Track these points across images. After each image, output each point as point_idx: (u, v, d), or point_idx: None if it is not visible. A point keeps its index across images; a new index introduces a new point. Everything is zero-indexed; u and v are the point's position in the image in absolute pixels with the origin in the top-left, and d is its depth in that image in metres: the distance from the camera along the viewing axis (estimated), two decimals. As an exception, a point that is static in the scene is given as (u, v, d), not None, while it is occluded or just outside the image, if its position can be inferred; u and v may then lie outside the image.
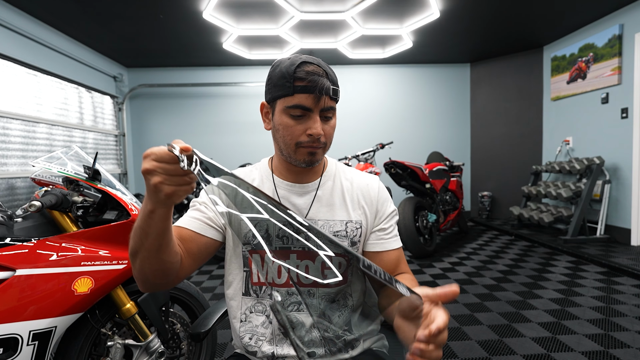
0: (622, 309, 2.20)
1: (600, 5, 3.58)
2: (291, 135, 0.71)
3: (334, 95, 0.70)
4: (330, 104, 0.71)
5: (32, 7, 3.17)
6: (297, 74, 0.67)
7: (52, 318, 1.02)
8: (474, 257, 3.51)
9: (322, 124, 0.71)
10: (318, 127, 0.69)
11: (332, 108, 0.71)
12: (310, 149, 0.72)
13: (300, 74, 0.67)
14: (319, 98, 0.68)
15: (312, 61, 0.70)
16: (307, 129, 0.70)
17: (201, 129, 5.25)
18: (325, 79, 0.68)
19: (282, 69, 0.70)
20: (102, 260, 1.12)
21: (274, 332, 0.77)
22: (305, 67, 0.68)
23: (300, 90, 0.68)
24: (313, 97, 0.68)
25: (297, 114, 0.69)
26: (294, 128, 0.71)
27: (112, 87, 4.82)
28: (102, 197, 1.24)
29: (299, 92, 0.68)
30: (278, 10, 3.47)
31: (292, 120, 0.70)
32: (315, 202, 0.78)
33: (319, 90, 0.67)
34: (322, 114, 0.71)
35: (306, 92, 0.67)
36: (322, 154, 0.75)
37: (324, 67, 0.71)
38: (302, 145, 0.71)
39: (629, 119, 3.54)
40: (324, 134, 0.72)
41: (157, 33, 3.89)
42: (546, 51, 4.77)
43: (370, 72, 5.37)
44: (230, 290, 0.81)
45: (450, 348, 1.82)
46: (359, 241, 0.78)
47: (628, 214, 3.60)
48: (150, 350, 1.28)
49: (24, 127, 3.21)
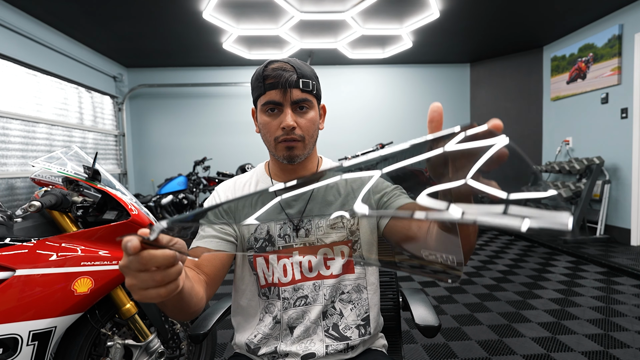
0: (621, 309, 2.20)
1: (600, 6, 3.58)
2: (269, 131, 0.74)
3: (304, 88, 0.72)
4: (302, 96, 0.72)
5: (32, 7, 3.17)
6: (265, 72, 0.71)
7: (52, 318, 1.02)
8: (474, 257, 3.51)
9: (296, 117, 0.72)
10: (288, 119, 0.71)
11: (304, 100, 0.72)
12: (286, 143, 0.73)
13: (268, 72, 0.71)
14: (285, 91, 0.70)
15: (280, 59, 0.73)
16: (281, 123, 0.72)
17: (201, 129, 5.25)
18: (293, 73, 0.70)
19: (256, 72, 0.74)
20: (102, 261, 1.12)
21: (281, 329, 0.78)
22: (272, 65, 0.72)
23: (269, 87, 0.71)
24: (281, 91, 0.70)
25: (271, 109, 0.73)
26: (270, 124, 0.73)
27: (112, 87, 4.81)
28: (102, 197, 1.23)
29: (269, 89, 0.71)
30: (278, 10, 3.47)
31: (268, 117, 0.74)
32: (311, 200, 0.79)
33: (284, 84, 0.70)
34: (295, 106, 0.72)
35: (274, 88, 0.71)
36: (303, 149, 0.75)
37: (292, 63, 0.72)
38: (279, 140, 0.73)
39: (628, 119, 3.54)
40: (300, 127, 0.73)
41: (157, 33, 3.89)
42: (546, 51, 4.77)
43: (370, 72, 5.37)
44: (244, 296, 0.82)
45: (450, 348, 1.82)
46: (358, 229, 0.79)
47: (628, 214, 3.60)
48: (150, 350, 1.28)
49: (24, 127, 3.20)
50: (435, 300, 2.45)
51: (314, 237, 0.77)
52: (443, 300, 2.46)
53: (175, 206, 4.06)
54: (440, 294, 2.56)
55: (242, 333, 0.82)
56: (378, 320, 0.84)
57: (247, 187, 0.83)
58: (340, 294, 0.78)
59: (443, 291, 2.62)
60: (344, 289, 0.79)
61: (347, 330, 0.78)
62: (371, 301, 0.81)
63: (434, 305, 2.37)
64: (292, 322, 0.77)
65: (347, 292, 0.79)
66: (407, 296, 0.98)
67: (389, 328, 1.03)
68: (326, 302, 0.78)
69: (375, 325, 0.83)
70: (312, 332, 0.77)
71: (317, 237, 0.77)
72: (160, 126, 5.23)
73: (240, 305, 0.83)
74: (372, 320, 0.81)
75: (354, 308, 0.79)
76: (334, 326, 0.77)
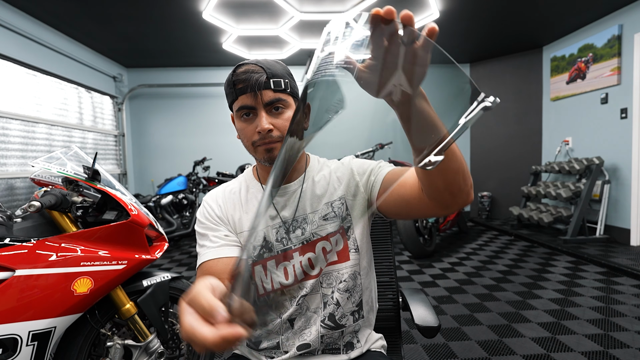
0: (621, 309, 2.20)
1: (599, 6, 3.58)
2: (246, 136, 0.73)
3: (276, 87, 0.70)
4: (275, 97, 0.70)
5: (32, 7, 3.17)
6: (235, 78, 0.70)
7: (52, 318, 1.02)
8: (474, 257, 3.51)
9: (271, 118, 0.71)
10: (263, 123, 0.69)
11: (278, 100, 0.70)
12: (264, 145, 0.72)
13: (237, 77, 0.69)
14: (255, 94, 0.69)
15: (248, 62, 0.71)
16: (257, 127, 0.71)
17: (201, 129, 5.25)
18: (262, 74, 0.69)
19: (227, 77, 0.72)
20: (102, 261, 1.12)
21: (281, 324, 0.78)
22: (240, 68, 0.70)
23: (240, 91, 0.70)
24: (252, 95, 0.69)
25: (246, 114, 0.72)
26: (247, 129, 0.72)
27: (112, 87, 4.81)
28: (102, 197, 1.24)
29: (240, 93, 0.70)
30: (278, 11, 3.47)
31: (243, 122, 0.73)
32: (302, 198, 0.79)
33: (253, 87, 0.68)
34: (269, 108, 0.71)
35: (244, 92, 0.69)
36: None
37: (261, 63, 0.70)
38: (257, 143, 0.72)
39: (628, 119, 3.55)
40: (277, 128, 0.71)
41: (157, 33, 3.89)
42: (546, 51, 4.77)
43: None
44: None
45: (450, 348, 1.82)
46: (350, 214, 0.79)
47: (627, 214, 3.60)
48: (150, 350, 1.28)
49: (24, 127, 3.20)
50: (435, 301, 2.45)
51: (309, 232, 0.77)
52: (443, 300, 2.45)
53: (175, 206, 4.06)
54: (440, 294, 2.56)
55: None
56: (370, 302, 0.83)
57: (237, 194, 0.82)
58: (339, 284, 0.78)
59: (443, 291, 2.62)
60: (341, 278, 0.78)
61: (342, 319, 0.78)
62: (364, 285, 0.81)
63: (434, 305, 2.37)
64: (292, 314, 0.77)
65: (344, 280, 0.78)
66: (407, 296, 0.98)
67: (389, 328, 1.03)
68: (324, 290, 0.77)
69: (368, 309, 0.82)
70: (313, 323, 0.77)
71: (313, 232, 0.77)
72: (160, 126, 5.23)
73: None
74: (365, 304, 0.81)
75: (350, 296, 0.79)
76: (329, 316, 0.77)
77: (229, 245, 0.75)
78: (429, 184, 0.58)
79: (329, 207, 0.78)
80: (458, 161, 0.55)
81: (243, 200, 0.81)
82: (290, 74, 0.75)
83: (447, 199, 0.58)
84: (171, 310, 1.43)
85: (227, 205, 0.80)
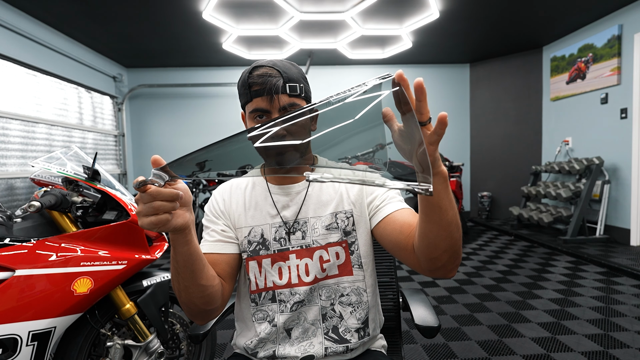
0: (621, 309, 2.20)
1: (599, 6, 3.58)
2: None
3: (292, 92, 0.70)
4: (290, 101, 0.70)
5: (32, 7, 3.17)
6: (251, 79, 0.70)
7: (52, 318, 1.02)
8: (474, 257, 3.51)
9: None
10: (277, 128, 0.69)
11: (292, 104, 0.70)
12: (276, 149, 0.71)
13: (253, 79, 0.69)
14: (272, 98, 0.69)
15: (265, 64, 0.71)
16: None
17: (201, 130, 5.24)
18: (279, 78, 0.69)
19: (242, 77, 0.73)
20: (102, 261, 1.12)
21: (277, 333, 0.77)
22: (257, 71, 0.70)
23: (255, 94, 0.70)
24: (267, 99, 0.69)
25: (259, 117, 0.71)
26: None
27: (112, 87, 4.81)
28: (102, 197, 1.24)
29: (255, 96, 0.70)
30: (278, 11, 3.47)
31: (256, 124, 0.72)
32: (306, 200, 0.79)
33: (269, 91, 0.68)
34: (283, 112, 0.70)
35: (260, 95, 0.69)
36: None
37: (278, 67, 0.70)
38: None
39: (628, 119, 3.55)
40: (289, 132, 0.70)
41: (157, 33, 3.89)
42: (545, 51, 4.77)
43: (370, 72, 5.37)
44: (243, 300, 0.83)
45: (450, 348, 1.82)
46: (354, 229, 0.78)
47: (627, 214, 3.60)
48: (150, 350, 1.28)
49: (24, 128, 3.20)
50: (435, 301, 2.45)
51: (310, 239, 0.77)
52: (443, 300, 2.46)
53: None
54: (440, 294, 2.56)
55: (240, 337, 0.83)
56: (377, 320, 0.84)
57: (242, 190, 0.83)
58: (340, 297, 0.78)
59: (443, 291, 2.62)
60: (342, 292, 0.78)
61: (346, 334, 0.77)
62: (371, 303, 0.81)
63: (434, 305, 2.37)
64: (289, 324, 0.77)
65: (346, 294, 0.78)
66: (407, 296, 0.98)
67: (389, 328, 1.03)
68: (323, 303, 0.77)
69: (374, 326, 0.82)
70: (312, 335, 0.77)
71: (313, 239, 0.77)
72: (160, 126, 5.23)
73: (241, 308, 0.83)
74: (371, 321, 0.81)
75: (354, 311, 0.78)
76: (333, 328, 0.77)
77: (222, 242, 0.77)
78: (422, 247, 0.60)
79: (334, 217, 0.78)
80: (452, 241, 0.57)
81: (247, 197, 0.82)
82: (304, 77, 0.75)
83: (431, 266, 0.61)
84: (171, 310, 1.43)
85: (232, 200, 0.82)
